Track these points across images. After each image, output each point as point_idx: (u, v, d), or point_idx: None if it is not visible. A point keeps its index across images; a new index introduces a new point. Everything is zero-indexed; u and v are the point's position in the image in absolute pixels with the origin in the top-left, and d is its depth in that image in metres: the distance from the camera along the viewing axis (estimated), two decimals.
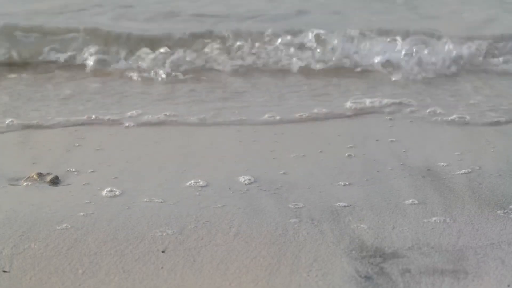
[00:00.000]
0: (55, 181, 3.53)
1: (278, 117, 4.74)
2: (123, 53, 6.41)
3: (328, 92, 5.49)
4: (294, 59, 6.28)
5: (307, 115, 4.79)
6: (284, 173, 3.68)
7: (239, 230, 2.97)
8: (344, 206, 3.22)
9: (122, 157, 3.98)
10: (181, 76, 5.91)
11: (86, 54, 6.33)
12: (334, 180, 3.56)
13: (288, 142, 4.25)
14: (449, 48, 6.42)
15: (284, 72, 6.12)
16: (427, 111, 4.86)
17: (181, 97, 5.38)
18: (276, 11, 7.95)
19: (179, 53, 6.36)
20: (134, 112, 4.89)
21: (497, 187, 3.44)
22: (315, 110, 4.87)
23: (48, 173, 3.60)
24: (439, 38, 6.63)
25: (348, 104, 5.00)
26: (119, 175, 3.64)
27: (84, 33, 6.57)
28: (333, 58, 6.33)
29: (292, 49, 6.46)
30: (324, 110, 4.88)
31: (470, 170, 3.67)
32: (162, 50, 6.37)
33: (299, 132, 4.48)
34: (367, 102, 5.05)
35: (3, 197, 3.35)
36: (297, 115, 4.79)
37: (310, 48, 6.47)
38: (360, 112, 4.91)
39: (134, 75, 5.92)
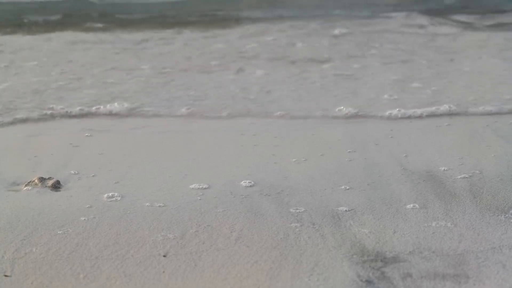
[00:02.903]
0: (56, 186, 3.54)
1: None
2: None
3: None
4: None
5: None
6: (285, 177, 3.68)
7: (240, 235, 2.97)
8: (345, 210, 3.22)
9: (124, 161, 3.98)
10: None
11: None
12: (335, 185, 3.56)
13: (289, 146, 4.26)
14: None
15: None
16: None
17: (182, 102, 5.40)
18: None
19: None
20: (136, 116, 4.90)
21: (498, 191, 3.44)
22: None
23: (50, 178, 3.60)
24: None
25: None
26: (120, 180, 3.65)
27: None
28: None
29: None
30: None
31: (471, 175, 3.67)
32: None
33: (300, 136, 4.48)
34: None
35: (5, 202, 3.36)
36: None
37: None
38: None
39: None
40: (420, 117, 4.92)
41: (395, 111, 4.88)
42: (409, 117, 4.89)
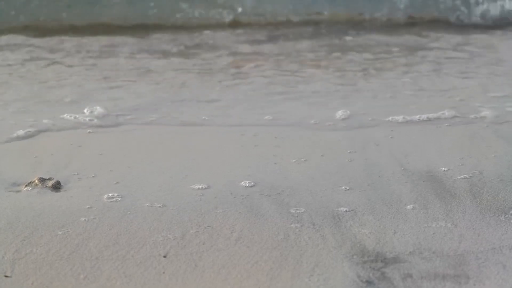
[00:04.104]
0: (56, 186, 3.54)
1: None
2: None
3: None
4: None
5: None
6: (285, 177, 3.68)
7: (241, 235, 2.97)
8: (346, 211, 3.22)
9: (124, 161, 3.98)
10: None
11: None
12: (336, 185, 3.56)
13: (289, 146, 4.26)
14: None
15: None
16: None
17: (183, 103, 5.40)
18: None
19: None
20: (137, 117, 4.90)
21: (498, 192, 3.44)
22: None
23: (50, 178, 3.60)
24: None
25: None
26: (121, 180, 3.65)
27: None
28: None
29: None
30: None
31: (471, 175, 3.68)
32: None
33: (300, 136, 4.48)
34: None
35: (5, 202, 3.36)
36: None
37: None
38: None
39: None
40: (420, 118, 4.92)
41: (398, 117, 4.85)
42: (411, 120, 4.88)
